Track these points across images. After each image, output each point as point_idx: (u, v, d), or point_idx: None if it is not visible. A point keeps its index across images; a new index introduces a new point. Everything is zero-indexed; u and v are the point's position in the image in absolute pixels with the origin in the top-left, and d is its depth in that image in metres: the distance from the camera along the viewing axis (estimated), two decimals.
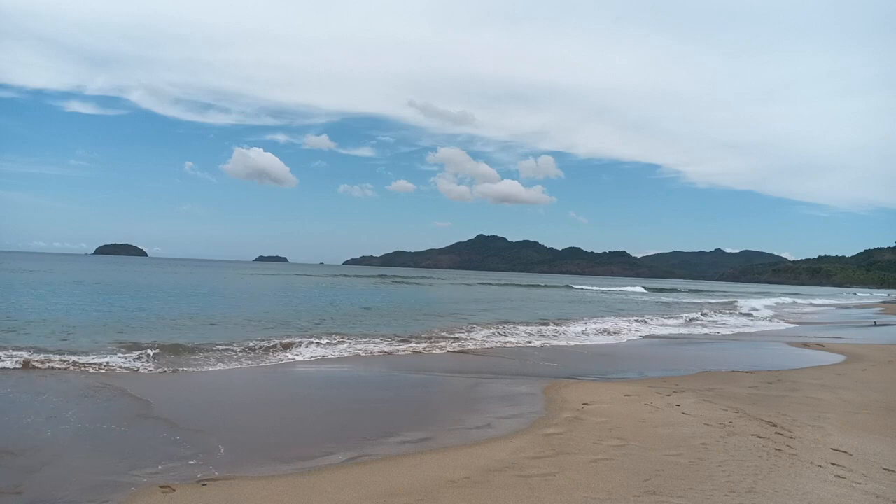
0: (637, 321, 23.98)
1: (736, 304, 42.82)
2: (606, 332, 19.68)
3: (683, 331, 21.93)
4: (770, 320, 29.45)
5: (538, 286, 68.76)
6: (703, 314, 30.34)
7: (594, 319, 24.04)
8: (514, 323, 20.96)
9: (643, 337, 18.99)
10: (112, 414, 7.36)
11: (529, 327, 19.78)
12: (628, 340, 17.96)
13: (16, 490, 4.67)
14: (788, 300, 56.14)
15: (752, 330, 23.63)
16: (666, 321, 25.25)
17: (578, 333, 18.79)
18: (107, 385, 8.79)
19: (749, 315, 32.22)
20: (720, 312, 32.60)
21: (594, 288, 71.04)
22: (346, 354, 12.84)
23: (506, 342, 15.95)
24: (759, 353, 15.87)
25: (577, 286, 73.55)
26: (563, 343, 16.50)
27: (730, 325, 25.57)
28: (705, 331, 22.32)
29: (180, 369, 10.25)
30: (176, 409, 7.68)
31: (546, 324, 21.07)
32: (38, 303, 22.24)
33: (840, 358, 14.40)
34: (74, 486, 4.78)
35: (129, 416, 7.22)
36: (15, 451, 5.57)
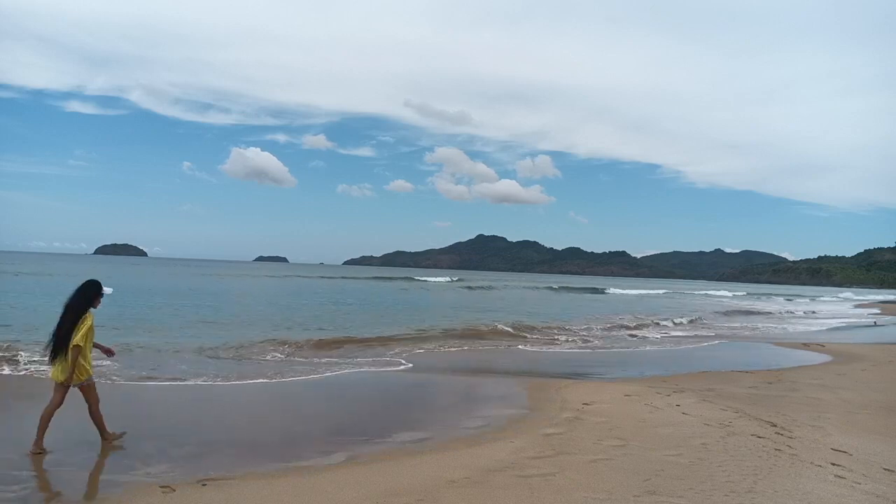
0: None
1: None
2: None
3: None
4: None
5: (588, 289, 65.90)
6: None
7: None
8: None
9: None
10: (111, 415, 7.36)
11: None
12: None
13: (16, 490, 4.67)
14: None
15: None
16: None
17: None
18: (107, 386, 8.79)
19: None
20: None
21: (640, 292, 64.33)
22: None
23: None
24: (759, 353, 15.87)
25: (612, 289, 66.02)
26: None
27: None
28: None
29: (182, 372, 10.24)
30: (176, 409, 7.69)
31: None
32: (38, 304, 22.24)
33: (840, 358, 14.40)
34: (74, 486, 4.78)
35: (128, 417, 7.22)
36: (15, 452, 5.56)
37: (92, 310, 5.91)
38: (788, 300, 61.34)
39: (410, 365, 11.66)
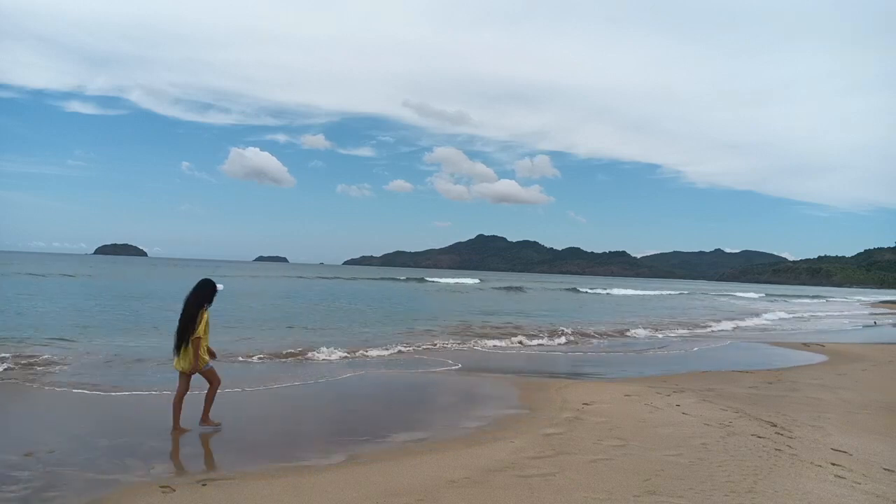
0: None
1: None
2: None
3: None
4: None
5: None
6: None
7: None
8: None
9: None
10: (112, 415, 7.37)
11: None
12: None
13: (16, 490, 4.67)
14: None
15: None
16: None
17: None
18: (110, 396, 8.79)
19: None
20: None
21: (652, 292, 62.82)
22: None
23: None
24: (759, 353, 15.87)
25: (635, 291, 63.39)
26: None
27: None
28: None
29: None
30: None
31: None
32: (35, 306, 22.25)
33: (840, 358, 14.40)
34: (75, 487, 4.78)
35: (128, 417, 7.22)
36: (16, 453, 5.56)
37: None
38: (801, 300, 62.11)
39: (459, 365, 11.97)
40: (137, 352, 11.83)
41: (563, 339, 17.27)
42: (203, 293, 6.45)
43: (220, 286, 6.87)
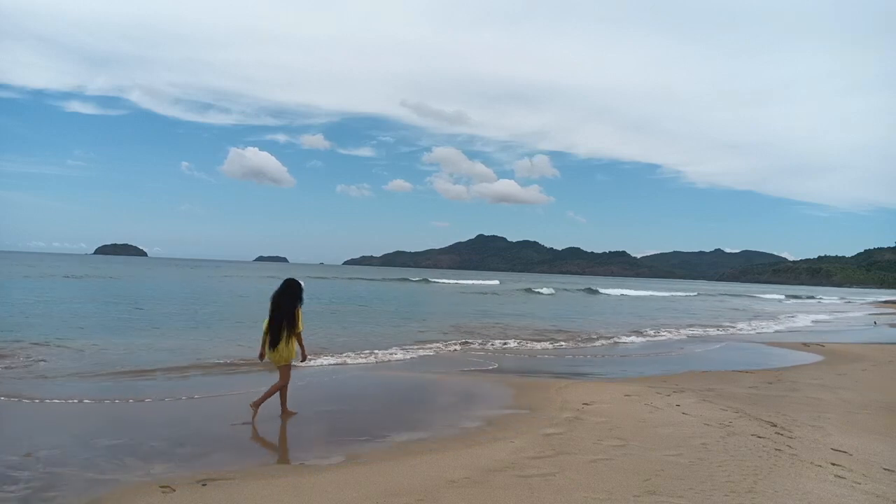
0: None
1: None
2: None
3: None
4: None
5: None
6: None
7: None
8: None
9: None
10: (112, 414, 7.37)
11: None
12: None
13: (17, 490, 4.67)
14: None
15: None
16: None
17: None
18: (117, 404, 8.78)
19: None
20: None
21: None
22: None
23: None
24: (759, 353, 15.87)
25: (653, 292, 63.73)
26: None
27: None
28: None
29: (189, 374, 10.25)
30: (175, 409, 7.69)
31: None
32: (31, 307, 22.22)
33: (840, 358, 14.40)
34: (75, 487, 4.78)
35: (128, 417, 7.22)
36: (16, 452, 5.56)
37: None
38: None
39: (496, 365, 12.16)
40: (138, 353, 11.83)
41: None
42: (298, 293, 7.17)
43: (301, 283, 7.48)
